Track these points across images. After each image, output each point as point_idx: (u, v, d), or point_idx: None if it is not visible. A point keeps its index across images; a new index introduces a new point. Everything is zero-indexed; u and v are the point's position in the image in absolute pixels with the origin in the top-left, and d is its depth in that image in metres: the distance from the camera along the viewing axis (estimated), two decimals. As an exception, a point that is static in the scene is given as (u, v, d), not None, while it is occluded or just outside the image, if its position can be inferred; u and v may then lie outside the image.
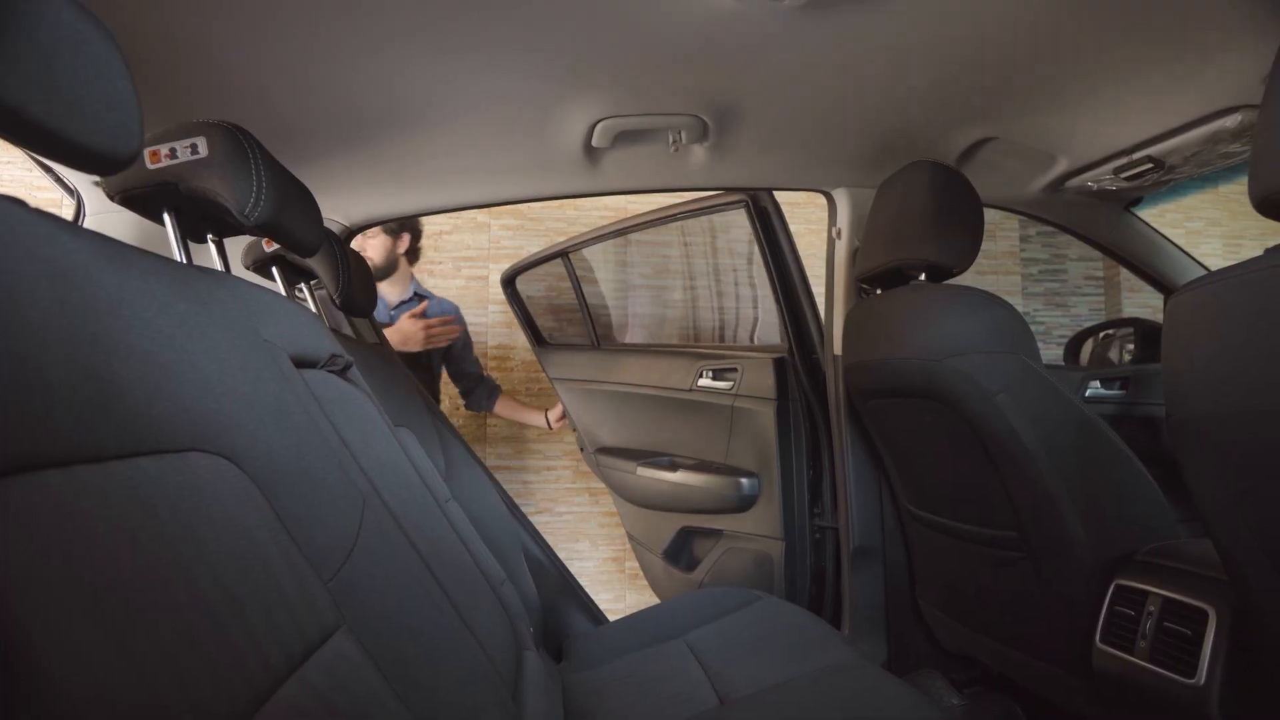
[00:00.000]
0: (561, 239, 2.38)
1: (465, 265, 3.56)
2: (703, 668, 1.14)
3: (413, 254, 2.25)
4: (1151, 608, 0.97)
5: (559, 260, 2.35)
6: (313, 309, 1.23)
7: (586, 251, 2.57)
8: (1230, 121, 1.24)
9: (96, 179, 1.21)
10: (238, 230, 0.79)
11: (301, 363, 0.72)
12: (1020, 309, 4.05)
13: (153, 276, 0.54)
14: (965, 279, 1.32)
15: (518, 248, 3.58)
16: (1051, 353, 3.56)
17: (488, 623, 0.78)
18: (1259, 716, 0.83)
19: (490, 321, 3.28)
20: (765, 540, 1.83)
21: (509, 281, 2.37)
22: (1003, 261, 3.68)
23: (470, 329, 2.49)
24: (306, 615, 0.50)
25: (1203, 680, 0.86)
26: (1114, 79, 1.24)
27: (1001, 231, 3.75)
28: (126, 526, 0.39)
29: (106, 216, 1.24)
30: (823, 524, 1.78)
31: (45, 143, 0.46)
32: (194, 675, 0.38)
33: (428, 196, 1.54)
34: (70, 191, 1.28)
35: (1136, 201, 1.80)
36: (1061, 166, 1.60)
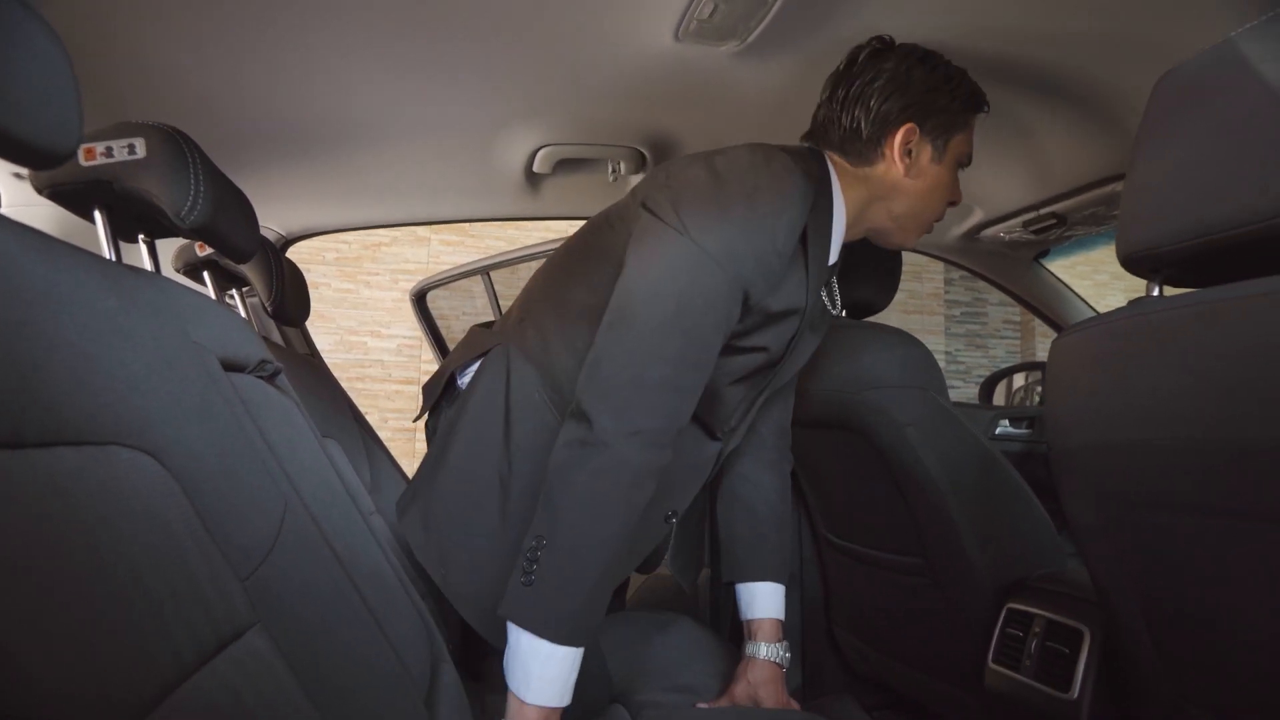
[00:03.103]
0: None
1: (403, 278, 3.55)
2: (615, 686, 1.16)
3: None
4: (1036, 629, 1.04)
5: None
6: (243, 315, 1.22)
7: (525, 269, 2.58)
8: (1121, 186, 1.37)
9: (18, 171, 1.19)
10: (170, 232, 0.79)
11: (230, 366, 0.73)
12: (943, 349, 4.26)
13: (81, 271, 0.54)
14: (892, 320, 1.41)
15: (456, 263, 3.57)
16: (971, 390, 3.73)
17: (405, 632, 0.79)
18: (1123, 729, 0.90)
19: (423, 335, 3.27)
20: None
21: (419, 297, 2.36)
22: (927, 302, 3.86)
23: (405, 342, 2.47)
24: (220, 610, 0.51)
25: (1076, 695, 0.93)
26: (1024, 141, 1.36)
27: (927, 274, 3.94)
28: (43, 513, 0.40)
29: (28, 210, 1.21)
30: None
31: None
32: (104, 660, 0.39)
33: (368, 211, 1.55)
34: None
35: (1045, 253, 1.93)
36: (977, 217, 1.72)
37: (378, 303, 3.07)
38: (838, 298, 1.11)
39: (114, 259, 0.75)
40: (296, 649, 0.58)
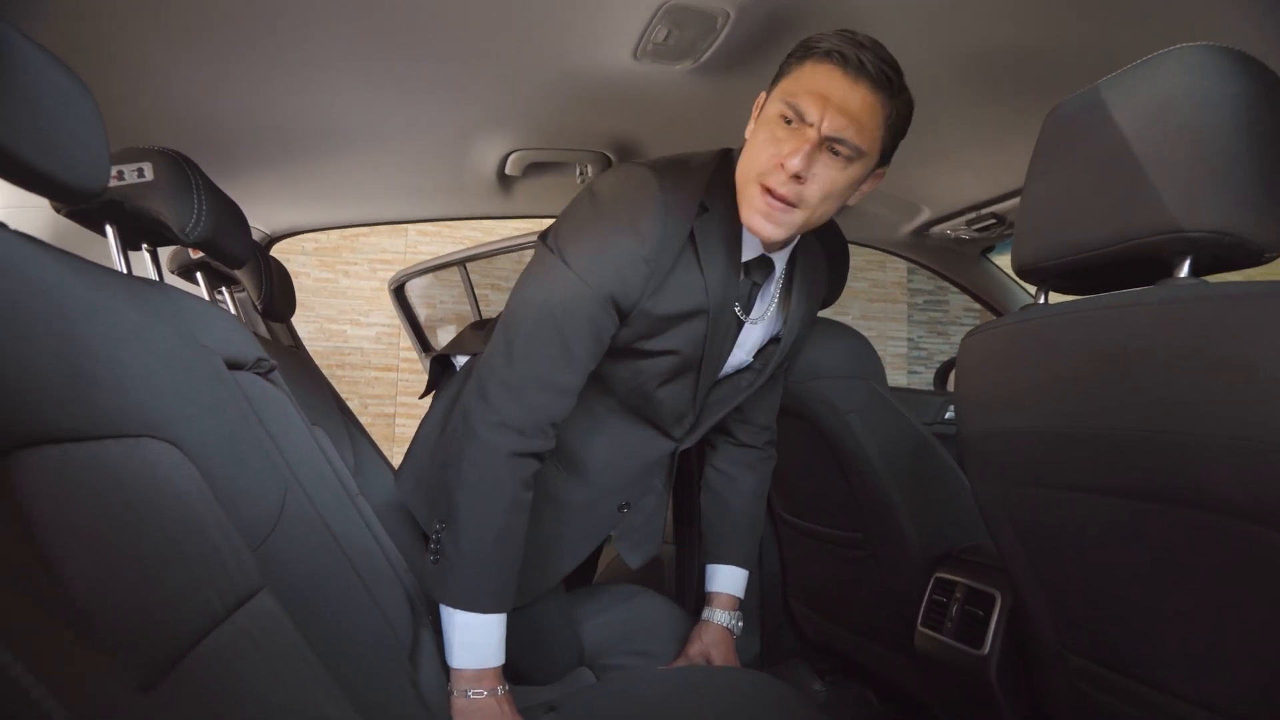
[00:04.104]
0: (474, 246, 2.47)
1: (381, 268, 3.61)
2: (585, 652, 1.27)
3: None
4: (958, 595, 1.16)
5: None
6: (232, 312, 1.30)
7: (502, 260, 2.66)
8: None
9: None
10: (172, 242, 0.88)
11: (232, 365, 0.82)
12: (906, 335, 4.42)
13: (110, 288, 0.63)
14: (857, 307, 1.52)
15: (433, 253, 3.64)
16: (930, 375, 3.88)
17: (391, 598, 0.89)
18: (1020, 677, 1.03)
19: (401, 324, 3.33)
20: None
21: (398, 289, 2.44)
22: (891, 291, 3.99)
23: (384, 330, 2.55)
24: (237, 574, 0.60)
25: (987, 651, 1.06)
26: (966, 147, 1.46)
27: (891, 264, 4.07)
28: (100, 491, 0.50)
29: (20, 211, 1.28)
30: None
31: (28, 177, 0.56)
32: (155, 608, 0.48)
33: (349, 211, 1.63)
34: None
35: (991, 248, 2.05)
36: (925, 215, 1.83)
37: (356, 291, 3.14)
38: (795, 294, 1.11)
39: (124, 269, 0.83)
40: (299, 609, 0.68)
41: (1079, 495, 0.77)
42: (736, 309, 1.04)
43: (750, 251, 1.01)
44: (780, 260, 1.07)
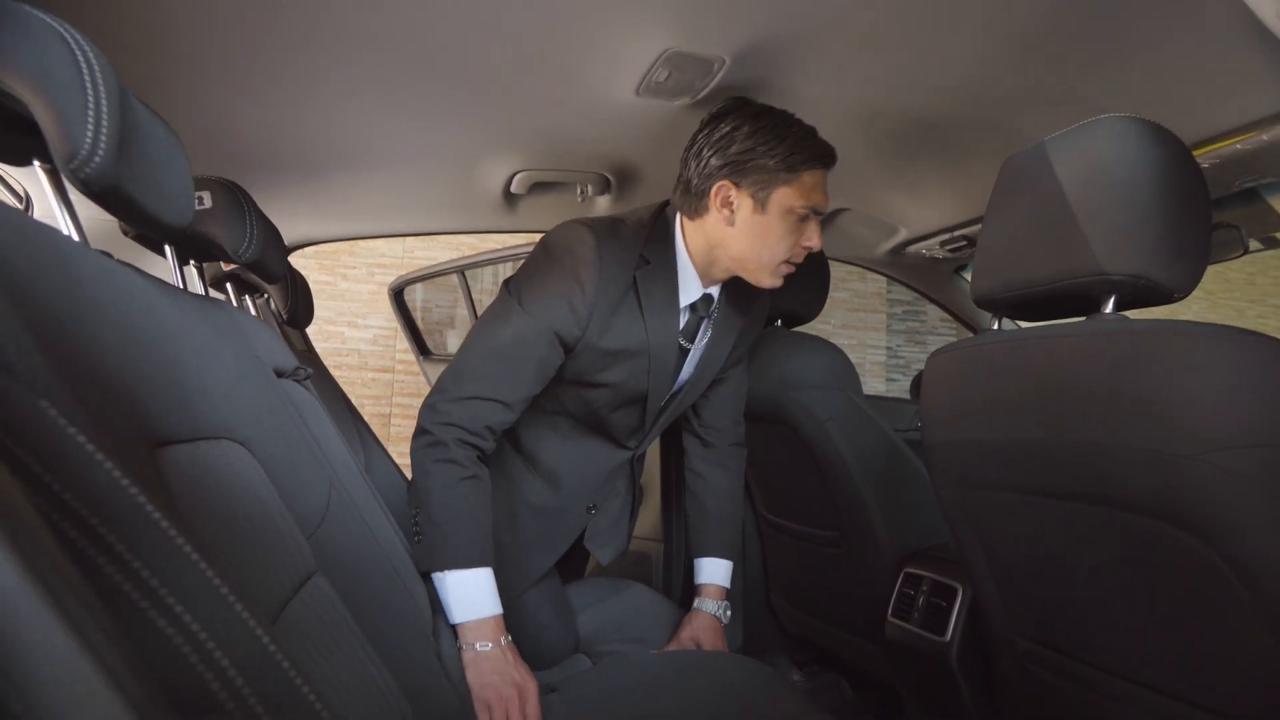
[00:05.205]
0: (469, 253, 2.57)
1: (379, 271, 3.70)
2: (581, 639, 1.38)
3: None
4: (924, 588, 1.28)
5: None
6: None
7: (499, 268, 2.76)
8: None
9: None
10: (226, 261, 0.97)
11: (279, 374, 0.92)
12: (885, 344, 4.57)
13: (188, 309, 0.73)
14: (837, 316, 1.64)
15: (430, 258, 3.73)
16: (908, 383, 4.02)
17: (415, 583, 0.99)
18: (977, 660, 1.14)
19: (399, 327, 3.42)
20: (646, 542, 2.08)
21: (397, 293, 2.53)
22: (871, 301, 4.13)
23: (380, 333, 2.64)
24: (298, 557, 0.70)
25: (949, 637, 1.17)
26: (937, 172, 1.58)
27: (872, 276, 4.20)
28: (202, 484, 0.60)
29: (92, 223, 1.37)
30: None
31: (141, 219, 0.66)
32: (251, 583, 0.58)
33: (362, 224, 1.73)
34: (19, 196, 1.40)
35: (963, 266, 2.18)
36: (902, 235, 1.94)
37: (354, 294, 3.21)
38: (729, 313, 1.28)
39: (180, 283, 0.93)
40: (344, 590, 0.78)
41: (1023, 497, 0.89)
42: (681, 341, 1.22)
43: (693, 294, 1.20)
44: (716, 291, 1.24)
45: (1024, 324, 0.96)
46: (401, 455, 3.13)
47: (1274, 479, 0.63)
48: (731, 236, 1.12)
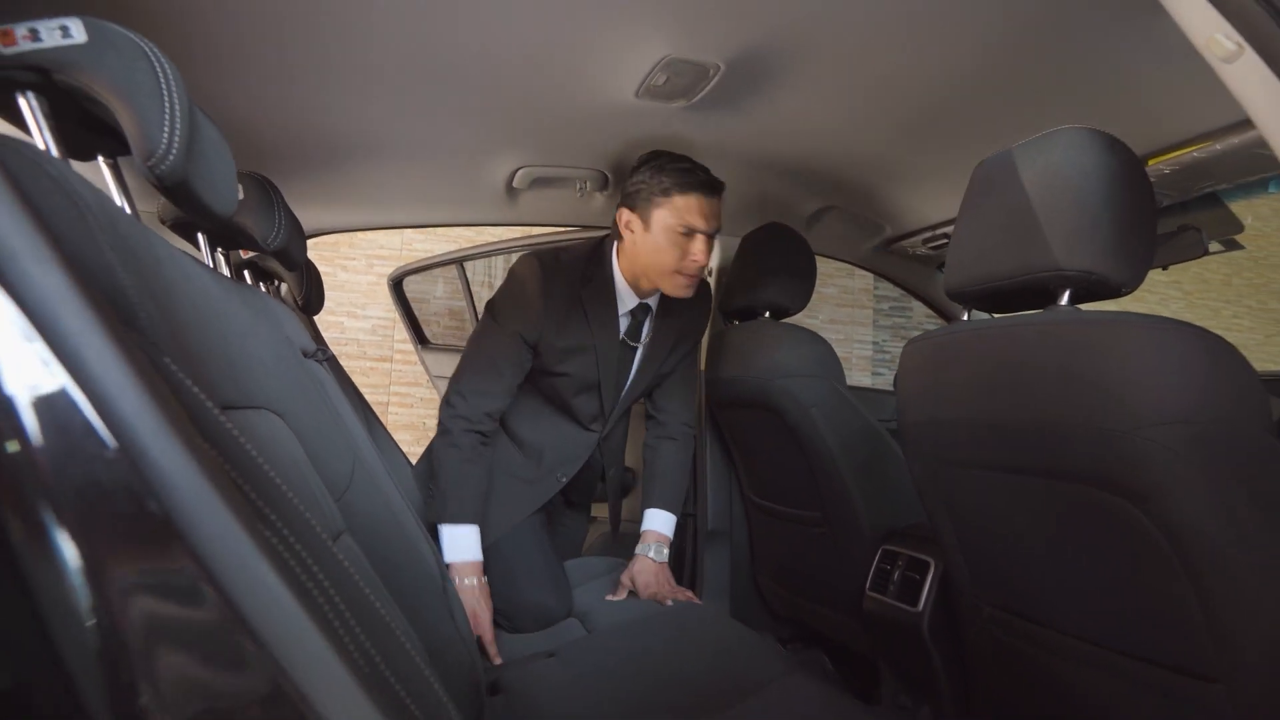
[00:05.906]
0: (466, 245, 2.64)
1: (378, 263, 3.76)
2: (575, 611, 1.46)
3: None
4: (900, 563, 1.36)
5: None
6: (270, 305, 1.47)
7: (496, 259, 2.82)
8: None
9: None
10: (253, 249, 1.04)
11: (304, 354, 0.99)
12: (871, 339, 4.68)
13: (231, 293, 0.80)
14: (825, 312, 1.73)
15: (428, 250, 3.79)
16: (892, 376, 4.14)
17: (428, 548, 1.07)
18: (947, 628, 1.23)
19: (397, 318, 3.48)
20: (636, 525, 2.17)
21: (396, 283, 2.60)
22: (858, 297, 4.22)
23: (379, 323, 2.70)
24: (331, 516, 0.78)
25: (921, 607, 1.26)
26: (919, 175, 1.67)
27: (859, 273, 4.30)
28: (250, 442, 0.67)
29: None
30: (685, 511, 2.14)
31: (196, 209, 0.73)
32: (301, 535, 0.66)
33: (371, 215, 1.80)
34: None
35: (944, 263, 2.26)
36: (886, 233, 2.03)
37: (354, 285, 3.27)
38: (666, 318, 1.59)
39: (211, 265, 1.00)
40: (369, 550, 0.85)
41: (987, 473, 0.97)
42: (626, 340, 1.56)
43: (628, 303, 1.53)
44: (653, 301, 1.56)
45: (994, 315, 1.05)
46: (400, 443, 3.21)
47: (1196, 451, 0.72)
48: (635, 252, 1.46)
